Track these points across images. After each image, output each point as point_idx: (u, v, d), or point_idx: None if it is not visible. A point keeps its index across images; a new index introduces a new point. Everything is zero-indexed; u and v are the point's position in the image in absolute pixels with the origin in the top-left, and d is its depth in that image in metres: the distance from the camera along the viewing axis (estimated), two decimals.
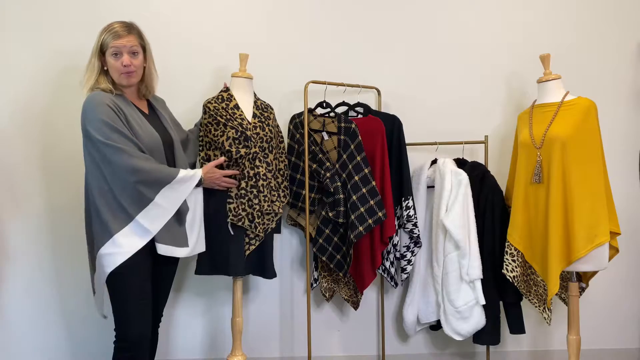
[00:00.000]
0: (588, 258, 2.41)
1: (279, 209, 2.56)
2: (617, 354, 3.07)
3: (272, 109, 2.70)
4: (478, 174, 2.73)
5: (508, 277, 2.57)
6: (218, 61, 2.94)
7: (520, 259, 2.59)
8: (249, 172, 2.48)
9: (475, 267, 2.60)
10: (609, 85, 3.05)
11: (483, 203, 2.71)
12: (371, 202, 2.61)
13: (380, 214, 2.61)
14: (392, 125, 2.79)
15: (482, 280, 2.63)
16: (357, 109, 2.86)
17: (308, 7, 3.01)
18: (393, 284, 2.81)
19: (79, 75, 2.67)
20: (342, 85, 2.81)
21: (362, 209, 2.60)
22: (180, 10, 2.95)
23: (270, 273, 2.59)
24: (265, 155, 2.53)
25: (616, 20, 3.05)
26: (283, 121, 2.90)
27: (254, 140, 2.49)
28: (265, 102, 2.68)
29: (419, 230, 2.75)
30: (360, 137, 2.66)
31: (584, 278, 2.67)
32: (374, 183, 2.63)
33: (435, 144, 2.90)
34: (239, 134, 2.46)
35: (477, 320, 2.63)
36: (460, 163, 2.82)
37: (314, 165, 2.72)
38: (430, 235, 2.81)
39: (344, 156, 2.68)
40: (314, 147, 2.73)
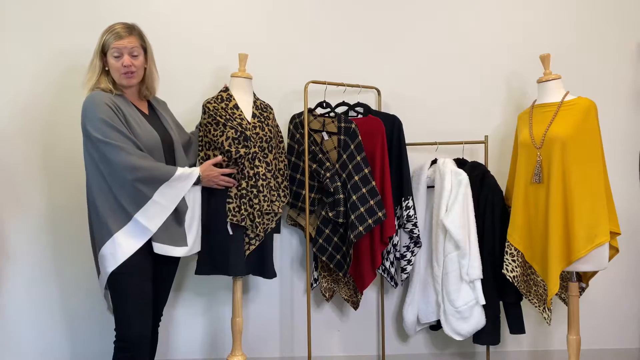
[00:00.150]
0: (588, 258, 2.41)
1: (278, 208, 2.56)
2: (617, 354, 3.07)
3: (272, 109, 2.70)
4: (478, 174, 2.73)
5: (508, 277, 2.57)
6: (218, 61, 2.94)
7: (520, 259, 2.59)
8: (249, 172, 2.48)
9: (475, 267, 2.60)
10: (609, 85, 3.05)
11: (483, 203, 2.71)
12: (371, 202, 2.61)
13: (380, 214, 2.61)
14: (392, 125, 2.79)
15: (482, 280, 2.63)
16: (357, 109, 2.86)
17: (308, 7, 3.01)
18: (393, 284, 2.81)
19: (79, 75, 2.68)
20: (342, 85, 2.81)
21: (362, 209, 2.60)
22: (180, 10, 2.95)
23: (270, 273, 2.59)
24: (265, 155, 2.54)
25: (616, 20, 3.05)
26: (283, 121, 2.91)
27: (253, 140, 2.49)
28: (264, 102, 2.68)
29: (419, 230, 2.75)
30: (360, 137, 2.66)
31: (584, 278, 2.67)
32: (373, 183, 2.63)
33: (435, 144, 2.90)
34: (239, 134, 2.46)
35: (477, 320, 2.63)
36: (460, 163, 2.82)
37: (314, 165, 2.72)
38: (430, 235, 2.81)
39: (344, 156, 2.68)
40: (314, 147, 2.73)
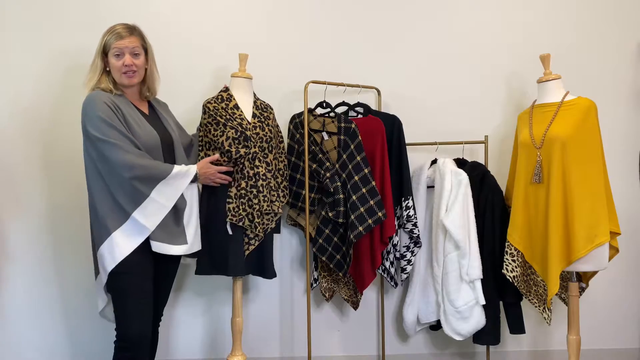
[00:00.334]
0: (588, 258, 2.41)
1: (278, 208, 2.56)
2: (617, 354, 3.07)
3: (272, 109, 2.70)
4: (478, 174, 2.73)
5: (508, 277, 2.57)
6: (218, 61, 2.94)
7: (520, 259, 2.59)
8: (249, 172, 2.48)
9: (475, 267, 2.60)
10: (609, 85, 3.05)
11: (483, 203, 2.71)
12: (371, 202, 2.61)
13: (380, 214, 2.61)
14: (392, 125, 2.79)
15: (482, 280, 2.63)
16: (357, 109, 2.86)
17: (308, 7, 3.01)
18: (393, 284, 2.81)
19: (79, 75, 2.68)
20: (342, 85, 2.81)
21: (362, 209, 2.60)
22: (180, 10, 2.95)
23: (270, 273, 2.59)
24: (265, 155, 2.54)
25: (616, 20, 3.05)
26: (283, 121, 2.90)
27: (253, 140, 2.49)
28: (265, 102, 2.68)
29: (418, 230, 2.75)
30: (360, 137, 2.66)
31: (584, 278, 2.67)
32: (373, 183, 2.63)
33: (435, 144, 2.90)
34: (239, 134, 2.46)
35: (477, 320, 2.63)
36: (460, 163, 2.82)
37: (314, 165, 2.72)
38: (430, 235, 2.81)
39: (344, 156, 2.68)
40: (314, 147, 2.73)
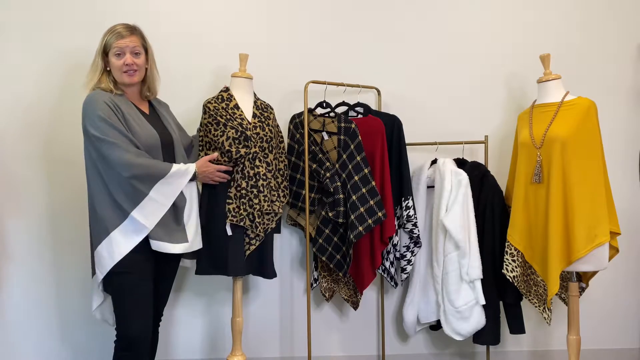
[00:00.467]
0: (588, 258, 2.41)
1: (278, 208, 2.56)
2: (617, 354, 3.07)
3: (272, 109, 2.70)
4: (478, 174, 2.73)
5: (508, 277, 2.57)
6: (218, 61, 2.94)
7: (520, 259, 2.59)
8: (249, 172, 2.48)
9: (475, 267, 2.60)
10: (609, 85, 3.05)
11: (483, 203, 2.71)
12: (371, 202, 2.61)
13: (380, 214, 2.61)
14: (392, 125, 2.79)
15: (482, 280, 2.63)
16: (357, 109, 2.86)
17: (308, 7, 3.01)
18: (393, 284, 2.81)
19: (79, 75, 2.69)
20: (342, 85, 2.81)
21: (362, 209, 2.60)
22: (180, 10, 2.95)
23: (270, 273, 2.59)
24: (265, 155, 2.53)
25: (616, 20, 3.05)
26: (283, 121, 2.90)
27: (253, 140, 2.49)
28: (265, 102, 2.68)
29: (418, 230, 2.75)
30: (360, 137, 2.66)
31: (584, 278, 2.67)
32: (373, 183, 2.63)
33: (435, 144, 2.90)
34: (239, 133, 2.46)
35: (477, 320, 2.63)
36: (460, 163, 2.82)
37: (314, 165, 2.72)
38: (430, 235, 2.81)
39: (344, 156, 2.68)
40: (314, 147, 2.73)
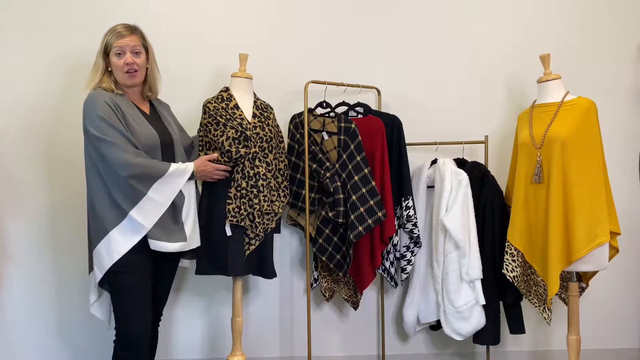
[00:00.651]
0: (588, 258, 2.41)
1: (278, 208, 2.56)
2: (617, 354, 3.07)
3: (272, 109, 2.70)
4: (478, 174, 2.73)
5: (508, 277, 2.57)
6: (218, 61, 2.94)
7: (520, 259, 2.59)
8: (249, 172, 2.48)
9: (475, 267, 2.60)
10: (609, 85, 3.05)
11: (483, 203, 2.71)
12: (371, 202, 2.61)
13: (380, 214, 2.61)
14: (392, 125, 2.79)
15: (482, 280, 2.63)
16: (357, 109, 2.86)
17: (308, 7, 3.01)
18: (393, 284, 2.81)
19: (80, 75, 2.69)
20: (342, 85, 2.81)
21: (362, 209, 2.60)
22: (180, 10, 2.95)
23: (270, 273, 2.59)
24: (265, 155, 2.53)
25: (616, 20, 3.05)
26: (283, 121, 2.90)
27: (253, 140, 2.49)
28: (265, 102, 2.68)
29: (418, 230, 2.75)
30: (360, 137, 2.66)
31: (584, 278, 2.67)
32: (373, 183, 2.63)
33: (435, 144, 2.90)
34: (239, 133, 2.46)
35: (477, 320, 2.63)
36: (460, 163, 2.82)
37: (314, 165, 2.72)
38: (430, 235, 2.81)
39: (344, 156, 2.68)
40: (314, 147, 2.73)
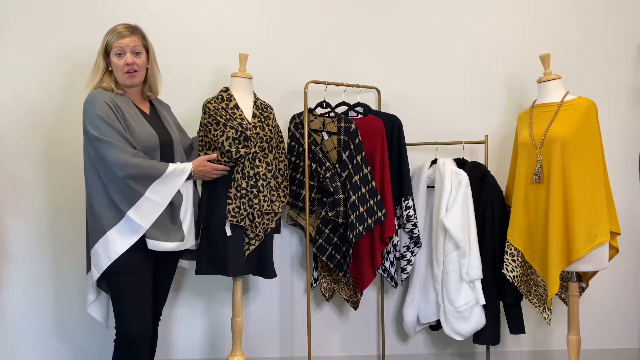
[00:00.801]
0: (588, 258, 2.41)
1: (278, 208, 2.56)
2: (617, 354, 3.07)
3: (272, 109, 2.70)
4: (478, 174, 2.73)
5: (508, 277, 2.57)
6: (218, 61, 2.94)
7: (520, 259, 2.59)
8: (249, 172, 2.48)
9: (475, 267, 2.60)
10: (609, 85, 3.05)
11: (483, 203, 2.71)
12: (371, 202, 2.61)
13: (379, 214, 2.61)
14: (392, 125, 2.79)
15: (482, 280, 2.63)
16: (357, 109, 2.86)
17: (308, 7, 3.01)
18: (393, 284, 2.81)
19: (80, 75, 2.69)
20: (342, 85, 2.81)
21: (362, 209, 2.60)
22: (180, 10, 2.95)
23: (270, 273, 2.59)
24: (265, 155, 2.53)
25: (616, 20, 3.05)
26: (283, 121, 2.90)
27: (253, 140, 2.49)
28: (265, 102, 2.68)
29: (418, 230, 2.75)
30: (360, 137, 2.66)
31: (584, 278, 2.67)
32: (373, 183, 2.63)
33: (435, 144, 2.90)
34: (239, 133, 2.46)
35: (477, 320, 2.63)
36: (460, 163, 2.82)
37: (314, 165, 2.72)
38: (430, 235, 2.81)
39: (344, 156, 2.68)
40: (314, 147, 2.73)
